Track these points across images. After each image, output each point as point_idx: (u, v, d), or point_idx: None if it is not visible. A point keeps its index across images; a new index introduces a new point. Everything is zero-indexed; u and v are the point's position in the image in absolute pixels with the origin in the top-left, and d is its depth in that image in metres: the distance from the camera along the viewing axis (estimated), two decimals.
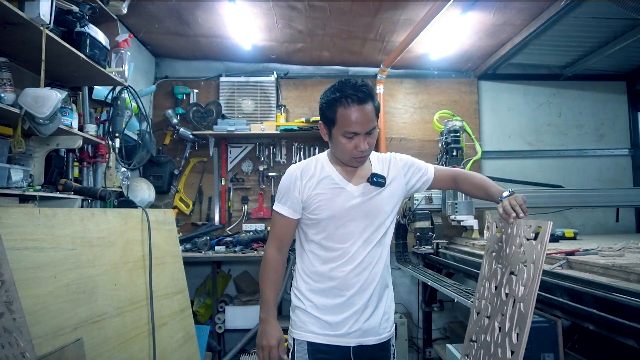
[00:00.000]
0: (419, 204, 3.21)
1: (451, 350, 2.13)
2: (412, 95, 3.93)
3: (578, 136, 3.98)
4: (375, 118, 1.37)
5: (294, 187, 1.45)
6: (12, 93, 1.79)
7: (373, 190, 1.45)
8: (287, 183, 1.47)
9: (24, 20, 1.65)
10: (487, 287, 1.44)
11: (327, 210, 1.42)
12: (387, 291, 1.51)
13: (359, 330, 1.42)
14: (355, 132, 1.35)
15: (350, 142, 1.37)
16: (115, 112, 2.60)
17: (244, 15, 2.94)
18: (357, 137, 1.36)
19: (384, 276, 1.48)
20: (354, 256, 1.43)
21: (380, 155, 1.57)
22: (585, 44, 3.38)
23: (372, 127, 1.36)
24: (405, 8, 2.86)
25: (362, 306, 1.42)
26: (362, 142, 1.36)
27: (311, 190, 1.45)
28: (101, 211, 2.08)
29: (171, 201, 3.71)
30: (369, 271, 1.43)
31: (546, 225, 1.19)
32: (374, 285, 1.44)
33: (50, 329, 1.52)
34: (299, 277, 1.50)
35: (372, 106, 1.36)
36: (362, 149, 1.36)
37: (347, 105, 1.34)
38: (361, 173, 1.48)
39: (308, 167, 1.49)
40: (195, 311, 3.33)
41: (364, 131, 1.35)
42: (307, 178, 1.46)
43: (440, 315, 3.66)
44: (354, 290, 1.42)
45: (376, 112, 1.38)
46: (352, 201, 1.43)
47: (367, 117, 1.34)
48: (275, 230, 1.51)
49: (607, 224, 3.87)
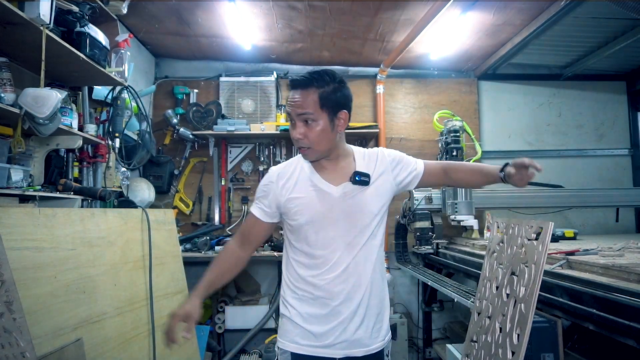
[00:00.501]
0: (419, 204, 3.21)
1: (451, 350, 2.13)
2: (412, 95, 3.93)
3: (578, 136, 3.98)
4: (312, 107, 1.28)
5: (269, 190, 1.39)
6: (12, 93, 1.79)
7: (356, 190, 1.35)
8: (262, 186, 1.42)
9: (24, 20, 1.65)
10: (488, 288, 1.44)
11: (305, 214, 1.34)
12: (378, 299, 1.39)
13: (346, 341, 1.33)
14: (289, 113, 1.32)
15: (291, 127, 1.34)
16: (115, 112, 2.60)
17: (244, 15, 2.94)
18: (294, 122, 1.32)
19: (374, 282, 1.37)
20: (337, 263, 1.33)
21: (366, 151, 1.47)
22: (585, 44, 3.38)
23: (303, 111, 1.28)
24: (405, 8, 2.86)
25: (348, 316, 1.32)
26: (295, 128, 1.31)
27: (289, 194, 1.37)
28: (101, 211, 2.08)
29: (171, 201, 3.70)
30: (355, 278, 1.33)
31: (547, 225, 1.19)
32: (362, 293, 1.34)
33: (50, 329, 1.52)
34: (284, 284, 1.43)
35: (311, 94, 1.28)
36: (294, 136, 1.31)
37: (291, 90, 1.32)
38: (344, 172, 1.38)
39: (287, 169, 1.42)
40: None
41: (294, 112, 1.30)
42: (284, 180, 1.39)
43: (440, 315, 3.66)
44: (339, 299, 1.32)
45: (323, 103, 1.28)
46: (332, 203, 1.34)
47: (300, 99, 1.28)
48: (243, 226, 1.47)
49: (607, 224, 3.87)
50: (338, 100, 1.31)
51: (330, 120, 1.30)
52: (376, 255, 1.39)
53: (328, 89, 1.29)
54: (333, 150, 1.37)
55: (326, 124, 1.30)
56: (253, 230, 1.43)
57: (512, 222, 1.40)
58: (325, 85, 1.29)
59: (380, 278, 1.41)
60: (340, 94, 1.32)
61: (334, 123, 1.32)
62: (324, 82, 1.29)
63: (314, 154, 1.34)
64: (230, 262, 1.43)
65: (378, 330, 1.38)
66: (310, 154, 1.34)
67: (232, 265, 1.44)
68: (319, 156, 1.35)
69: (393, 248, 3.67)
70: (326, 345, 1.33)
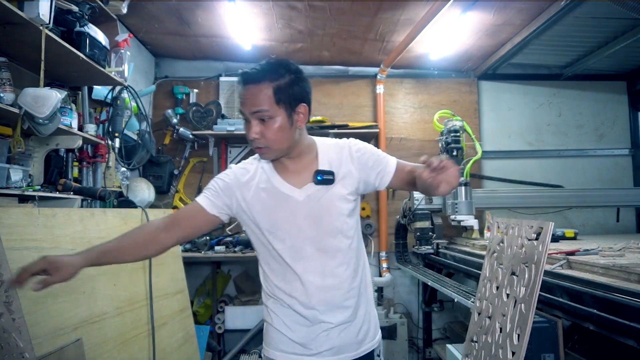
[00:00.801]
0: (419, 204, 3.21)
1: (451, 350, 2.13)
2: (412, 95, 3.93)
3: (578, 136, 3.98)
4: (267, 103, 1.14)
5: (225, 186, 1.27)
6: (11, 93, 1.79)
7: (321, 191, 1.23)
8: (218, 179, 1.29)
9: (24, 20, 1.65)
10: (489, 288, 1.43)
11: (266, 221, 1.24)
12: (361, 300, 1.30)
13: (332, 348, 1.25)
14: (242, 112, 1.18)
15: (246, 126, 1.20)
16: (115, 112, 2.59)
17: (243, 15, 2.94)
18: (248, 121, 1.18)
19: (354, 284, 1.28)
20: (309, 270, 1.23)
21: (331, 144, 1.31)
22: (585, 44, 3.38)
23: (257, 109, 1.14)
24: (405, 8, 2.85)
25: (331, 322, 1.24)
26: (250, 127, 1.17)
27: (247, 198, 1.25)
28: (101, 211, 2.08)
29: (171, 201, 3.70)
30: (332, 283, 1.24)
31: (547, 225, 1.19)
32: (342, 297, 1.25)
33: (50, 329, 1.52)
34: (263, 291, 1.33)
35: (265, 88, 1.14)
36: (249, 136, 1.17)
37: (241, 85, 1.18)
38: (308, 171, 1.25)
39: (245, 170, 1.29)
40: (195, 311, 3.32)
41: (248, 110, 1.16)
42: (240, 185, 1.26)
43: (440, 315, 3.66)
44: (319, 306, 1.23)
45: (279, 98, 1.15)
46: (295, 208, 1.23)
47: (252, 95, 1.15)
48: (179, 210, 1.33)
49: (607, 224, 3.87)
50: (295, 94, 1.17)
51: (288, 116, 1.17)
52: (353, 256, 1.29)
53: (283, 81, 1.16)
54: (294, 147, 1.23)
55: (284, 121, 1.16)
56: (190, 218, 1.27)
57: (512, 222, 1.40)
58: (280, 77, 1.16)
59: (361, 279, 1.31)
60: (298, 86, 1.18)
61: (292, 119, 1.18)
62: (278, 75, 1.16)
63: (273, 154, 1.21)
64: (141, 238, 1.24)
65: (365, 331, 1.30)
66: (268, 154, 1.21)
67: (141, 244, 1.24)
68: (278, 155, 1.22)
69: (393, 248, 3.68)
70: (312, 354, 1.25)
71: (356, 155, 1.27)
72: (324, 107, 3.86)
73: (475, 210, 3.14)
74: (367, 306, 1.33)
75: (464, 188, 3.09)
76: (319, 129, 3.53)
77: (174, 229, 1.25)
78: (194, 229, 1.29)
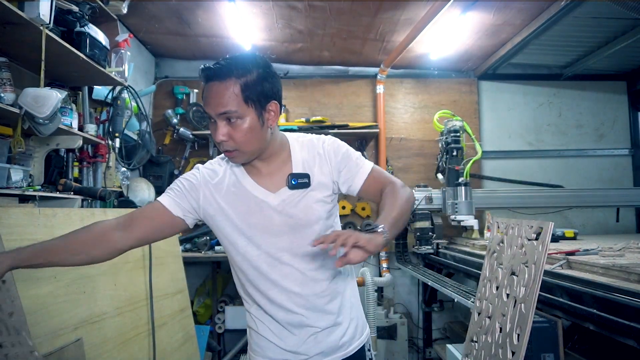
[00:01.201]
0: (419, 204, 3.21)
1: (451, 350, 2.13)
2: (412, 95, 3.93)
3: (578, 136, 3.98)
4: (234, 103, 1.03)
5: (192, 187, 1.17)
6: (12, 93, 1.79)
7: (296, 195, 1.14)
8: (183, 179, 1.19)
9: (24, 20, 1.65)
10: (488, 288, 1.44)
11: (239, 228, 1.15)
12: (346, 301, 1.23)
13: (321, 352, 1.18)
14: (208, 113, 1.06)
15: (212, 128, 1.08)
16: (115, 112, 2.60)
17: (243, 15, 2.94)
18: (215, 122, 1.07)
19: (337, 286, 1.21)
20: (289, 277, 1.16)
21: (305, 141, 1.21)
22: (585, 44, 3.38)
23: (224, 110, 1.03)
24: (405, 8, 2.86)
25: (317, 327, 1.18)
26: (217, 129, 1.05)
27: (216, 204, 1.15)
28: (101, 211, 2.08)
29: None
30: (312, 289, 1.17)
31: (547, 225, 1.19)
32: (325, 300, 1.18)
33: (50, 329, 1.52)
34: (243, 299, 1.25)
35: (231, 86, 1.03)
36: (214, 138, 1.07)
37: (205, 82, 1.07)
38: (282, 173, 1.16)
39: (213, 172, 1.19)
40: (195, 311, 3.33)
41: (213, 113, 1.05)
42: (209, 187, 1.16)
43: (440, 315, 3.67)
44: (302, 313, 1.17)
45: (247, 96, 1.04)
46: (270, 214, 1.13)
47: (217, 95, 1.03)
48: (137, 210, 1.19)
49: (607, 224, 3.87)
50: (265, 91, 1.06)
51: (258, 115, 1.06)
52: (333, 257, 1.15)
53: (251, 77, 1.04)
54: (265, 148, 1.13)
55: (254, 121, 1.06)
56: (150, 218, 1.15)
57: (512, 222, 1.40)
58: (247, 73, 1.04)
59: (343, 279, 1.23)
60: (267, 82, 1.07)
61: (263, 118, 1.07)
62: (245, 70, 1.04)
63: (243, 157, 1.11)
64: (90, 237, 1.11)
65: (353, 330, 1.24)
66: (239, 157, 1.11)
67: (90, 243, 1.10)
68: (250, 158, 1.12)
69: (393, 248, 3.68)
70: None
71: (329, 154, 1.18)
72: (324, 107, 3.86)
73: (475, 210, 3.14)
74: (351, 307, 1.25)
75: (464, 188, 3.09)
76: (319, 129, 3.53)
77: (130, 229, 1.12)
78: (153, 231, 1.16)
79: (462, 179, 3.12)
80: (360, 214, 3.74)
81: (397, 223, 1.06)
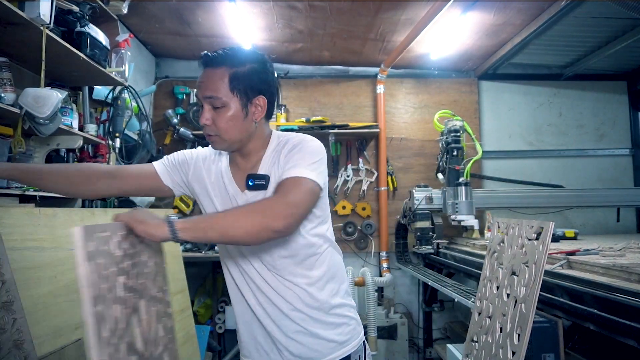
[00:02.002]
0: (419, 204, 3.21)
1: (451, 350, 2.13)
2: (412, 95, 3.93)
3: (578, 136, 3.98)
4: (221, 90, 1.07)
5: (181, 166, 1.22)
6: (12, 93, 1.79)
7: (257, 196, 1.11)
8: (182, 152, 1.25)
9: (24, 20, 1.65)
10: (489, 288, 1.44)
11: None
12: (312, 307, 1.16)
13: (301, 356, 1.15)
14: (197, 97, 1.12)
15: (200, 112, 1.12)
16: (116, 112, 2.60)
17: (244, 15, 2.94)
18: (202, 106, 1.12)
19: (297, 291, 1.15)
20: (251, 278, 1.16)
21: (282, 140, 1.18)
22: (585, 44, 3.38)
23: (209, 94, 1.08)
24: (406, 8, 2.86)
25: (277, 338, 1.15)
26: (203, 113, 1.10)
27: (200, 184, 1.20)
28: (102, 211, 2.08)
29: (171, 201, 3.70)
30: (274, 293, 1.14)
31: (548, 225, 1.19)
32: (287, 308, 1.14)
33: (51, 329, 1.52)
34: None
35: (221, 74, 1.08)
36: (200, 121, 1.11)
37: (201, 67, 1.13)
38: (252, 172, 1.17)
39: (209, 156, 1.24)
40: (195, 311, 3.33)
41: (201, 96, 1.10)
42: (200, 167, 1.21)
43: (440, 315, 3.67)
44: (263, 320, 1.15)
45: (234, 86, 1.08)
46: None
47: (207, 80, 1.09)
48: (129, 165, 1.27)
49: (607, 224, 3.87)
50: (253, 84, 1.10)
51: (243, 106, 1.10)
52: (311, 264, 1.16)
53: (242, 69, 1.09)
54: (246, 142, 1.15)
55: (237, 111, 1.09)
56: (140, 177, 1.21)
57: (512, 222, 1.40)
58: (240, 64, 1.09)
59: (308, 284, 1.15)
60: (258, 76, 1.11)
61: (247, 110, 1.11)
62: (238, 61, 1.09)
63: (223, 144, 1.13)
64: (77, 173, 1.17)
65: (328, 339, 1.16)
66: (219, 144, 1.13)
67: (76, 179, 1.16)
68: (229, 147, 1.14)
69: (393, 248, 3.68)
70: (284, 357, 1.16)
71: (286, 153, 1.12)
72: (324, 107, 3.86)
73: (476, 210, 3.14)
74: (326, 313, 1.17)
75: (464, 188, 3.09)
76: (319, 129, 3.54)
77: (116, 180, 1.18)
78: (137, 189, 1.23)
79: (463, 179, 3.12)
80: (360, 213, 3.74)
81: (206, 230, 0.95)
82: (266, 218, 0.95)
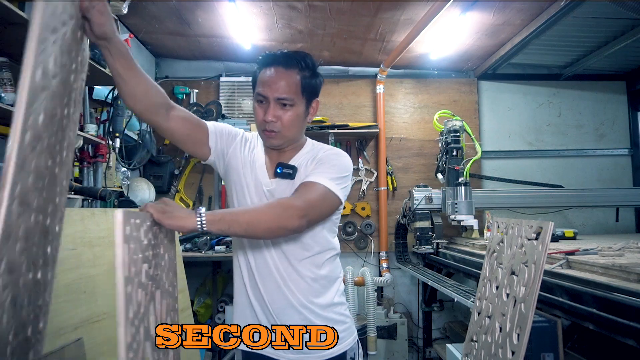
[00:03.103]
0: (419, 204, 3.21)
1: (451, 350, 2.13)
2: (412, 95, 3.94)
3: (578, 136, 3.99)
4: (294, 91, 1.14)
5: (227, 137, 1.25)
6: (12, 93, 1.80)
7: (283, 185, 1.19)
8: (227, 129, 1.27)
9: (25, 20, 1.65)
10: (488, 288, 1.44)
11: (237, 199, 1.24)
12: (307, 300, 1.20)
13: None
14: (263, 95, 1.14)
15: (260, 108, 1.16)
16: (116, 112, 2.60)
17: (244, 15, 2.94)
18: (267, 103, 1.15)
19: (296, 281, 1.19)
20: (259, 263, 1.20)
21: (316, 146, 1.28)
22: (585, 44, 3.38)
23: (284, 96, 1.13)
24: (405, 8, 2.86)
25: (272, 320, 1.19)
26: (269, 110, 1.14)
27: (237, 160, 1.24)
28: (101, 211, 2.08)
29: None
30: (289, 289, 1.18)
31: (547, 225, 1.19)
32: (301, 301, 1.19)
33: (51, 329, 1.52)
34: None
35: (295, 76, 1.15)
36: (266, 118, 1.14)
37: (266, 66, 1.16)
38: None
39: (250, 141, 1.29)
40: (195, 311, 3.33)
41: (272, 95, 1.13)
42: (242, 147, 1.26)
43: (440, 315, 3.67)
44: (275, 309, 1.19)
45: (305, 88, 1.16)
46: (260, 197, 1.20)
47: (280, 80, 1.13)
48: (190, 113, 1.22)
49: (607, 224, 3.87)
50: (314, 87, 1.21)
51: (305, 107, 1.20)
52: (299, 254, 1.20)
53: (308, 73, 1.18)
54: (298, 140, 1.25)
55: (301, 111, 1.18)
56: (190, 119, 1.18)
57: (512, 222, 1.41)
58: (306, 68, 1.18)
59: (313, 280, 1.21)
60: (317, 80, 1.22)
61: (307, 111, 1.21)
62: (305, 65, 1.17)
63: (281, 140, 1.19)
64: (152, 85, 1.07)
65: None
66: (277, 139, 1.18)
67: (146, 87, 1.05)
68: (285, 144, 1.21)
69: (393, 248, 3.68)
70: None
71: (318, 159, 1.20)
72: (324, 107, 3.87)
73: (475, 210, 3.14)
74: (319, 307, 1.21)
75: (463, 188, 3.09)
76: (319, 129, 3.54)
77: (173, 111, 1.13)
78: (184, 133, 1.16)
79: (462, 179, 3.12)
80: (360, 213, 3.75)
81: (231, 224, 0.97)
82: (282, 217, 1.02)
